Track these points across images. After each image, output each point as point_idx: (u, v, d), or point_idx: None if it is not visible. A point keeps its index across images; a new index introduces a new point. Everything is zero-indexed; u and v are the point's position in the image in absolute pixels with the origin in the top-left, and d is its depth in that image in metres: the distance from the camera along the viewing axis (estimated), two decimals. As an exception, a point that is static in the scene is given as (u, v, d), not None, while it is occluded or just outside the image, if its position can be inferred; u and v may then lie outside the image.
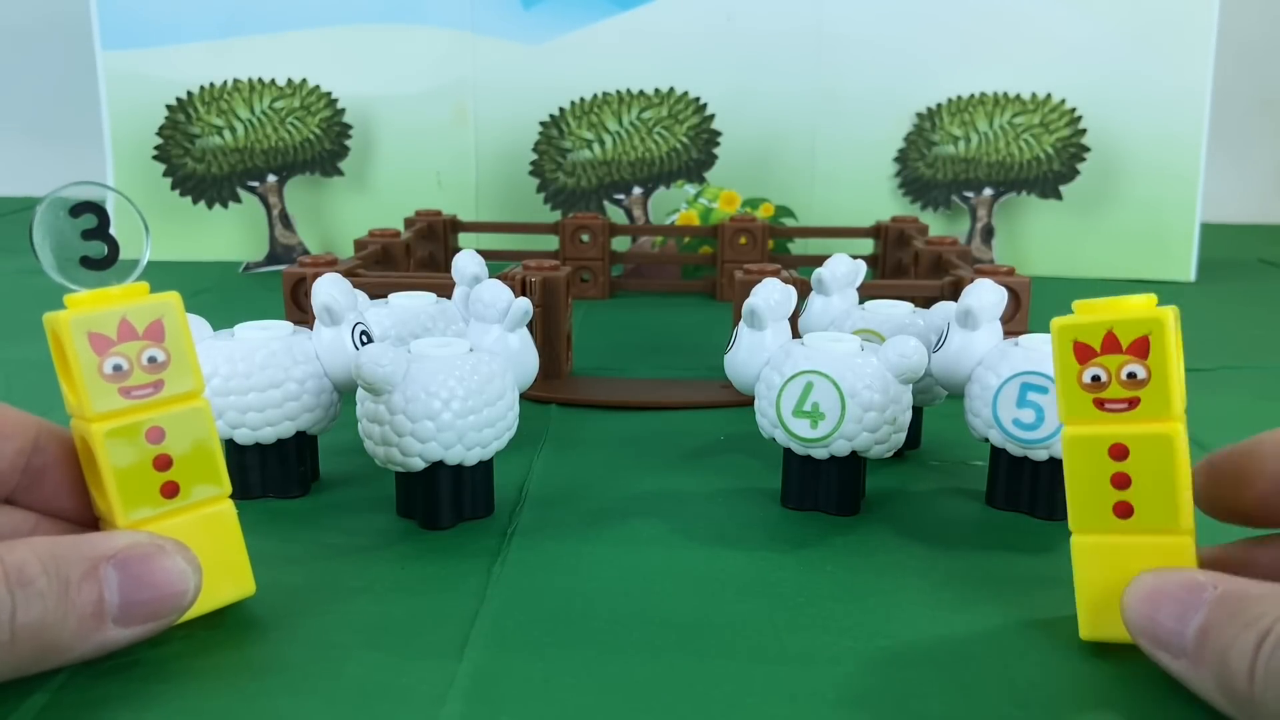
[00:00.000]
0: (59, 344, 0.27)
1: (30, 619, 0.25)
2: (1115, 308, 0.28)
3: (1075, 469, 0.28)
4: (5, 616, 0.25)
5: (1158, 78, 0.82)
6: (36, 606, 0.25)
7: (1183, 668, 0.26)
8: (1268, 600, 0.24)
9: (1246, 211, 1.13)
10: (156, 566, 0.27)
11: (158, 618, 0.28)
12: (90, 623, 0.26)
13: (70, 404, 0.28)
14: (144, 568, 0.27)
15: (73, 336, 0.27)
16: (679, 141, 0.86)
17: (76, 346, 0.27)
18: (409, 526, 0.37)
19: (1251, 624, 0.24)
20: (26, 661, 0.26)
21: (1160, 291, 0.29)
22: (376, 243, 0.66)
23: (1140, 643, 0.27)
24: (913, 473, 0.42)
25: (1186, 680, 0.26)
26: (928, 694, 0.27)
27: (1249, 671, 0.24)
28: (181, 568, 0.28)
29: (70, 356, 0.27)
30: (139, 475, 0.28)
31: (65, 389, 0.28)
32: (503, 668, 0.28)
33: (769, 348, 0.38)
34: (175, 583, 0.28)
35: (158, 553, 0.28)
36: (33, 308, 0.27)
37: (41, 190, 1.19)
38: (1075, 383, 0.28)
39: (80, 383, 0.27)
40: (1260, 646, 0.23)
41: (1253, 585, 0.25)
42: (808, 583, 0.33)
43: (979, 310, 0.37)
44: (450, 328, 0.45)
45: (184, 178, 0.86)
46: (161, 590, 0.27)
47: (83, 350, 0.27)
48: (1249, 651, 0.24)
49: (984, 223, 0.85)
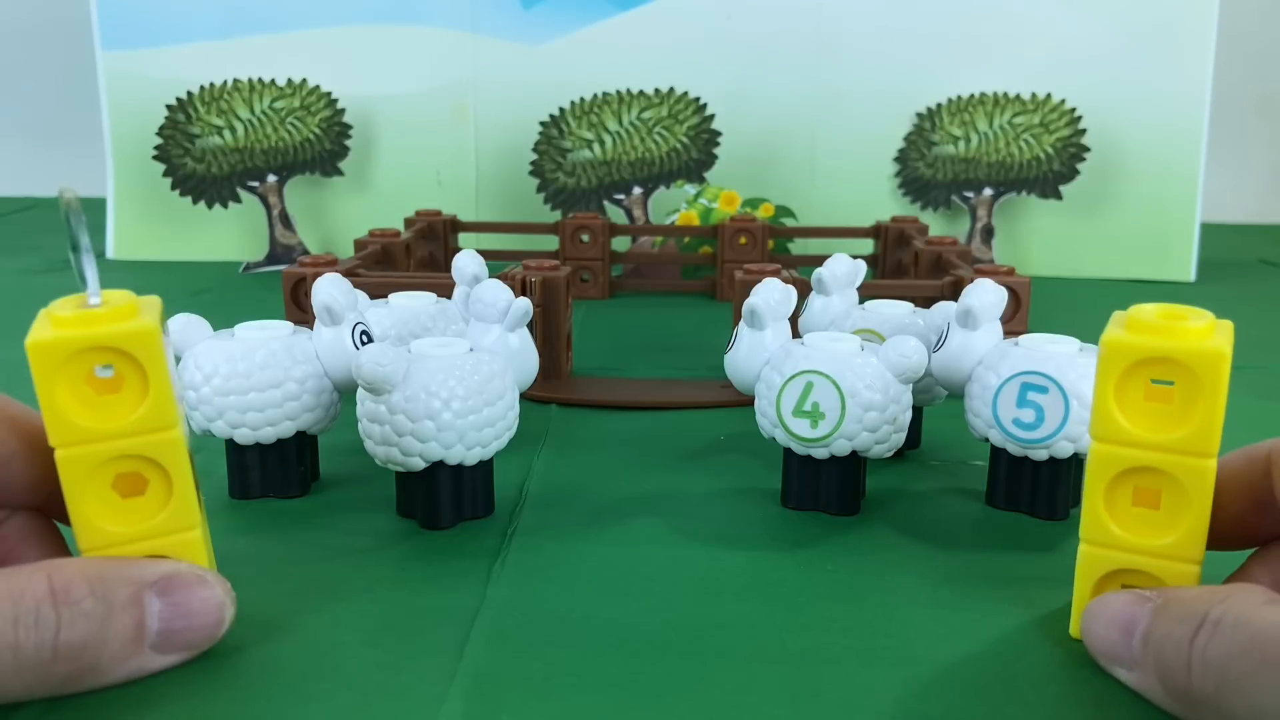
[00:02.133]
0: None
1: (73, 639, 0.25)
2: (1172, 332, 0.26)
3: (1096, 484, 0.28)
4: (49, 635, 0.25)
5: (1157, 77, 0.82)
6: (80, 627, 0.25)
7: (1135, 678, 0.26)
8: (1202, 597, 0.25)
9: (1246, 211, 1.13)
10: (196, 596, 0.28)
11: (192, 647, 0.28)
12: (130, 647, 0.26)
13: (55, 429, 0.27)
14: (185, 595, 0.27)
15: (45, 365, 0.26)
16: (679, 141, 0.86)
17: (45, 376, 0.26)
18: (409, 526, 0.37)
19: (1186, 619, 0.24)
20: (62, 681, 0.26)
21: (1160, 292, 0.28)
22: (376, 243, 0.66)
23: (1100, 662, 0.28)
24: (913, 473, 0.42)
25: (1141, 690, 0.26)
26: (928, 693, 0.27)
27: (1186, 664, 0.24)
28: (220, 599, 0.28)
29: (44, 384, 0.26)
30: (104, 499, 0.27)
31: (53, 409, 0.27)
32: (503, 667, 0.28)
33: (769, 348, 0.38)
34: (212, 612, 0.28)
35: (198, 583, 0.28)
36: (33, 308, 0.27)
37: (41, 190, 1.18)
38: (1112, 399, 0.27)
39: (55, 408, 0.26)
40: (1194, 639, 0.24)
41: (1190, 589, 0.26)
42: (808, 583, 0.33)
43: (979, 310, 0.37)
44: (450, 328, 0.45)
45: (184, 178, 0.86)
46: (199, 620, 0.28)
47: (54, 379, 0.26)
48: (1184, 645, 0.24)
49: (984, 223, 0.85)
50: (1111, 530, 0.28)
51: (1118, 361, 0.27)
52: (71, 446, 0.27)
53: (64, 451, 0.27)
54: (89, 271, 0.26)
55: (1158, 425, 0.27)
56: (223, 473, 0.39)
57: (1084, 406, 0.35)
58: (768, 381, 0.38)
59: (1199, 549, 0.27)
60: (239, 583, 0.32)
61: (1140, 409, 0.27)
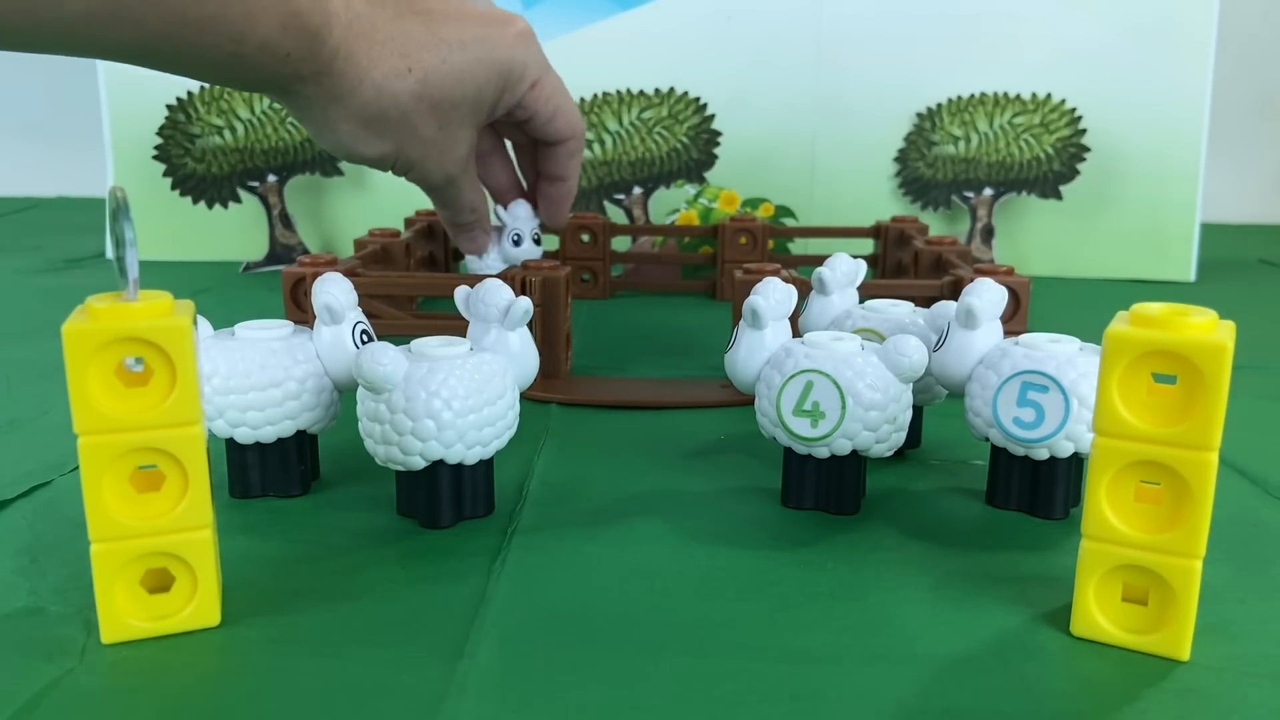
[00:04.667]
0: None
1: None
2: (1176, 326, 0.27)
3: (1099, 478, 0.28)
4: None
5: (1158, 78, 0.82)
6: None
7: None
8: None
9: (1246, 211, 1.13)
10: None
11: None
12: None
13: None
14: None
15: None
16: (679, 141, 0.86)
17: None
18: (409, 525, 0.37)
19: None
20: None
21: (1160, 292, 0.28)
22: (376, 242, 0.66)
23: None
24: (913, 472, 0.42)
25: None
26: (928, 692, 0.27)
27: None
28: None
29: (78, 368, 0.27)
30: (121, 491, 0.28)
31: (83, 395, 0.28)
32: (503, 666, 0.28)
33: (769, 347, 0.38)
34: None
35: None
36: (33, 308, 0.27)
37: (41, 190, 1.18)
38: (1116, 393, 0.28)
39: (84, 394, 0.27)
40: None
41: None
42: (808, 582, 0.33)
43: (979, 309, 0.37)
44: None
45: (184, 178, 0.86)
46: None
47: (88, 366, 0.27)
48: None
49: (984, 223, 0.85)
50: (1114, 525, 0.28)
51: (1121, 355, 0.27)
52: (95, 434, 0.27)
53: (86, 439, 0.27)
54: (131, 268, 0.27)
55: (1160, 419, 0.27)
56: (223, 472, 0.39)
57: (1084, 406, 0.35)
58: (768, 381, 0.38)
59: (1200, 544, 0.27)
60: (239, 582, 0.33)
61: (1143, 403, 0.27)
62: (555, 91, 0.54)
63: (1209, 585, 0.30)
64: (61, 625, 0.30)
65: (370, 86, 0.45)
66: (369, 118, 0.46)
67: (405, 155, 0.49)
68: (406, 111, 0.47)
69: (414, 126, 0.48)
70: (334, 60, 0.44)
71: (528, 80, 0.51)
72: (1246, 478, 0.42)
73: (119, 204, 0.26)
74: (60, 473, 0.41)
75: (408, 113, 0.47)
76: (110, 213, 0.27)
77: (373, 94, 0.45)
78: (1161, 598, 0.29)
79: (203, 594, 0.29)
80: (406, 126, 0.48)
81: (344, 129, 0.47)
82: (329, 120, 0.46)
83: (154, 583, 0.29)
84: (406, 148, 0.49)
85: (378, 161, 0.49)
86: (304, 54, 0.42)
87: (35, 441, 0.44)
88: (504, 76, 0.50)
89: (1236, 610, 0.31)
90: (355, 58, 0.44)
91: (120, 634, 0.29)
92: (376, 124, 0.47)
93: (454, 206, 0.55)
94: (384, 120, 0.47)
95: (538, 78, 0.52)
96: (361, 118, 0.46)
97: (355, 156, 0.49)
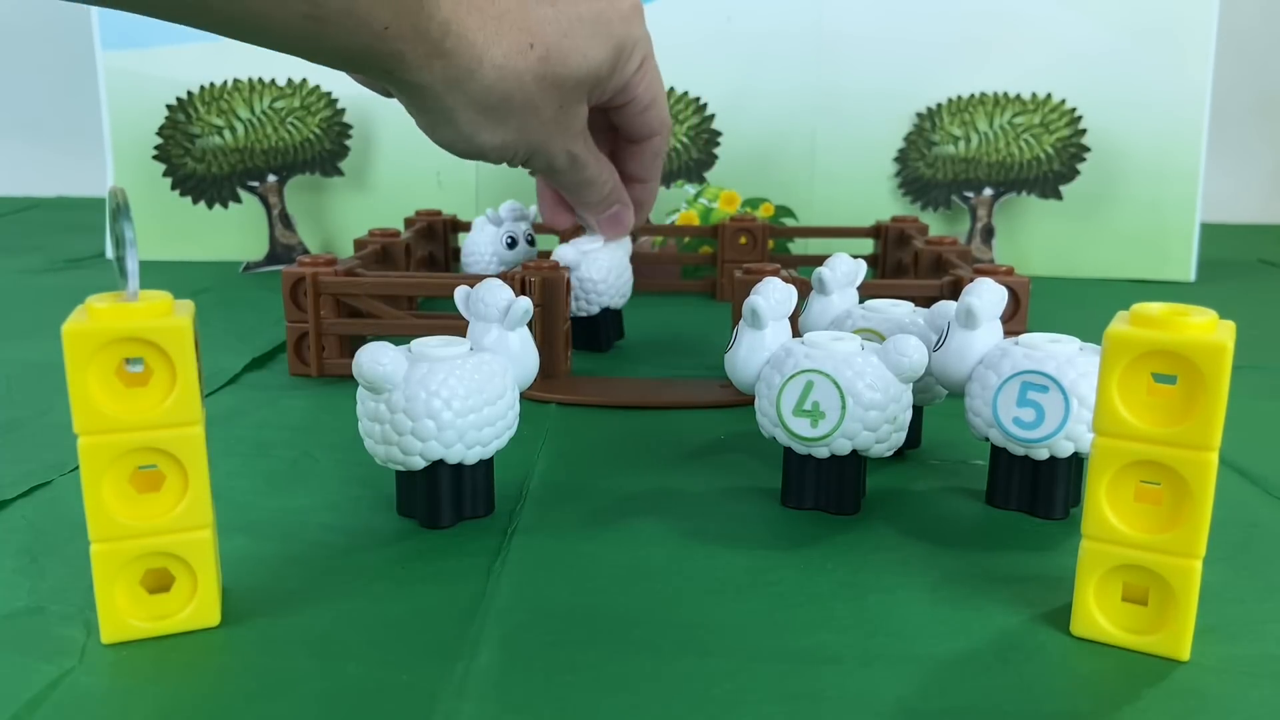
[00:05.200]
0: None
1: None
2: (1176, 326, 0.27)
3: (1099, 478, 0.28)
4: None
5: (1158, 78, 0.82)
6: None
7: None
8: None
9: (1246, 211, 1.13)
10: None
11: None
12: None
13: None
14: None
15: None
16: (679, 141, 0.86)
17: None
18: (409, 525, 0.37)
19: None
20: None
21: (1160, 292, 0.29)
22: (376, 242, 0.66)
23: None
24: (913, 472, 0.42)
25: None
26: (928, 692, 0.27)
27: None
28: None
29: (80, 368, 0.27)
30: (121, 491, 0.28)
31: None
32: (503, 666, 0.28)
33: (769, 347, 0.38)
34: None
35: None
36: (33, 308, 0.27)
37: (41, 190, 1.18)
38: (1116, 393, 0.28)
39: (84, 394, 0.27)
40: None
41: None
42: (808, 582, 0.33)
43: (979, 309, 0.37)
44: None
45: (184, 178, 0.86)
46: None
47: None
48: None
49: (984, 223, 0.85)
50: (1114, 525, 0.28)
51: (1122, 354, 0.27)
52: (95, 434, 0.27)
53: (86, 439, 0.27)
54: (131, 268, 0.27)
55: (1160, 419, 0.27)
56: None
57: (1084, 406, 0.35)
58: (768, 381, 0.38)
59: (1200, 544, 0.28)
60: (239, 583, 0.33)
61: (1143, 403, 0.28)
62: (656, 78, 0.50)
63: (1209, 585, 0.30)
64: (61, 625, 0.30)
65: (491, 67, 0.41)
66: (492, 104, 0.43)
67: (528, 141, 0.45)
68: (530, 93, 0.43)
69: (537, 108, 0.44)
70: (444, 39, 0.39)
71: (637, 58, 0.48)
72: (1246, 478, 0.42)
73: (119, 204, 0.26)
74: (60, 473, 0.41)
75: (531, 94, 0.43)
76: (110, 213, 0.27)
77: (494, 76, 0.41)
78: (1161, 598, 0.29)
79: (203, 594, 0.29)
80: (530, 109, 0.44)
81: (464, 118, 0.43)
82: (446, 110, 0.42)
83: (154, 583, 0.29)
84: (529, 132, 0.45)
85: (499, 150, 0.45)
86: (405, 30, 0.38)
87: (35, 441, 0.44)
88: (618, 51, 0.46)
89: (1236, 610, 0.31)
90: (468, 35, 0.40)
91: (120, 634, 0.29)
92: (499, 110, 0.43)
93: (583, 185, 0.51)
94: (508, 104, 0.43)
95: (644, 57, 0.48)
96: (484, 104, 0.42)
97: (475, 149, 0.45)
